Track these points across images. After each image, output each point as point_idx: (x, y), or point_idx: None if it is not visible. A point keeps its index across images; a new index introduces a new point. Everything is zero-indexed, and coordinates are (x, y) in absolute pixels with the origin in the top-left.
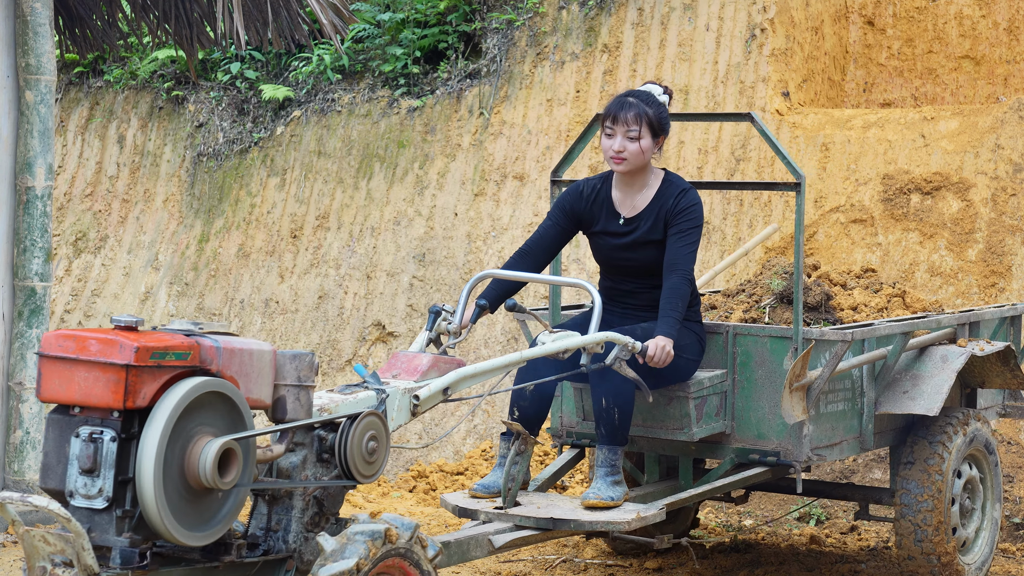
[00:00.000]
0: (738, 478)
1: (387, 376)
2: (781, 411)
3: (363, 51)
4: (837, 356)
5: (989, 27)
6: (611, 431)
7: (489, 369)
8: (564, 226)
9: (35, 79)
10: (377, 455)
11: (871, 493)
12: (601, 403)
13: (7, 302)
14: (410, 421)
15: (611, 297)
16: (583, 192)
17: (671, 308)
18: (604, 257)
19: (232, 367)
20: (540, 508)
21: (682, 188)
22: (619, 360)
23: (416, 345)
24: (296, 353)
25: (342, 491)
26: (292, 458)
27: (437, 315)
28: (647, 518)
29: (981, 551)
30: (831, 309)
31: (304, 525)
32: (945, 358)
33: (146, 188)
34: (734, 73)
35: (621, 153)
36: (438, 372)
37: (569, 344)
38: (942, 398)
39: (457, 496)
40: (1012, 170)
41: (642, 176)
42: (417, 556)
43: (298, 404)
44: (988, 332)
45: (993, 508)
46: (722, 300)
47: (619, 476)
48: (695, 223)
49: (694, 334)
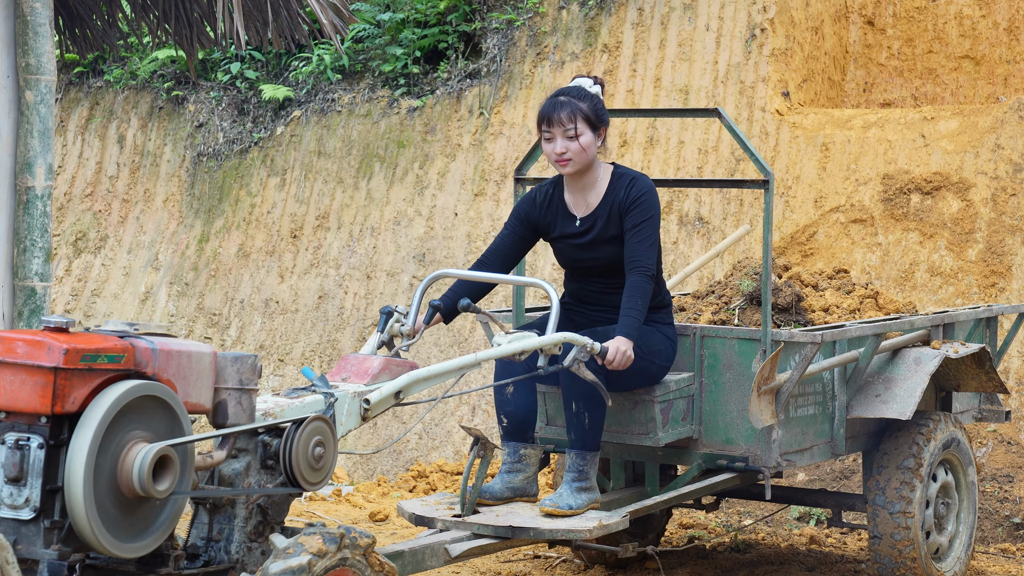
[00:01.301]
0: (705, 484)
1: (336, 379)
2: (749, 415)
3: (363, 51)
4: (807, 358)
5: (989, 27)
6: (581, 436)
7: (443, 372)
8: (522, 235)
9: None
10: (324, 461)
11: (844, 499)
12: (571, 407)
13: (7, 302)
14: (360, 426)
15: (580, 299)
16: (536, 199)
17: (631, 307)
18: (566, 260)
19: (169, 370)
20: (499, 516)
21: (632, 177)
22: (577, 362)
23: (368, 347)
24: (238, 355)
25: (287, 499)
26: (235, 465)
27: (389, 316)
28: (609, 526)
29: (956, 558)
30: (802, 310)
31: (247, 535)
32: (918, 360)
33: (146, 188)
34: (734, 73)
35: (564, 155)
36: (390, 375)
37: (525, 346)
38: (915, 401)
39: (414, 503)
40: (1012, 170)
41: (591, 173)
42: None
43: (240, 408)
44: (963, 334)
45: (968, 514)
46: (691, 302)
47: (587, 483)
48: (648, 212)
49: (666, 338)
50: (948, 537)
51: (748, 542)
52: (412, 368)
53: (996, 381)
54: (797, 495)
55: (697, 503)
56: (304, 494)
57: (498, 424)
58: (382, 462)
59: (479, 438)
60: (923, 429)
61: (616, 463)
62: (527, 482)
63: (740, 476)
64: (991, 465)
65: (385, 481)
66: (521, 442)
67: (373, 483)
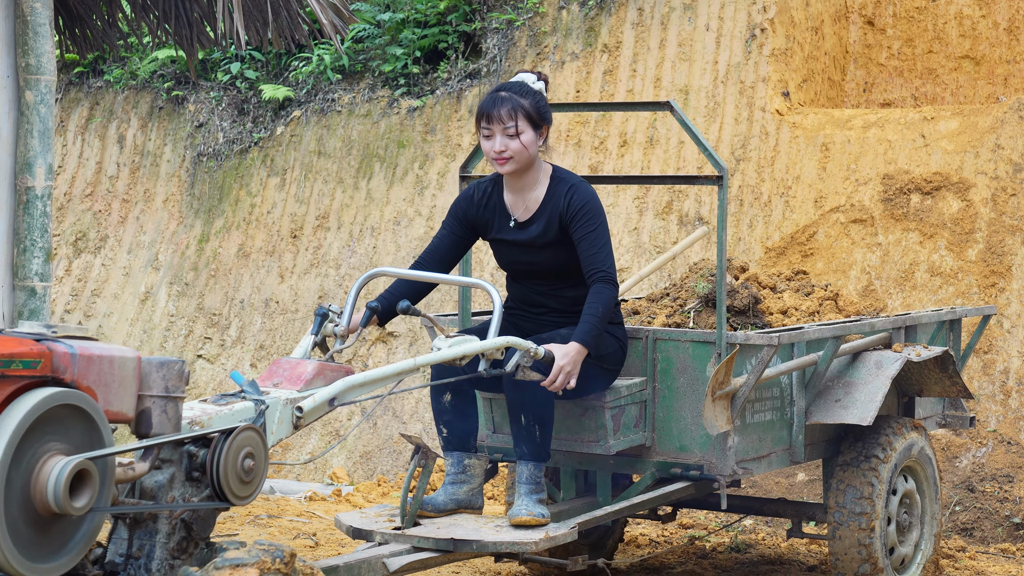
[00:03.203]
0: (658, 494)
1: (267, 385)
2: (703, 421)
3: (363, 51)
4: (763, 362)
5: (989, 27)
6: (533, 448)
7: (380, 377)
8: (460, 234)
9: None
10: (254, 474)
11: (804, 509)
12: (520, 420)
13: (7, 302)
14: (292, 434)
15: (524, 303)
16: (474, 197)
17: (592, 315)
18: (506, 263)
19: (90, 376)
20: (440, 529)
21: (571, 184)
22: (521, 367)
23: (299, 350)
24: (163, 360)
25: (213, 514)
26: (158, 477)
27: (324, 317)
28: (556, 538)
29: (919, 564)
30: (759, 313)
31: (170, 551)
32: (879, 364)
33: (146, 188)
34: (734, 73)
35: (503, 153)
36: (324, 380)
37: (467, 350)
38: (876, 406)
39: (353, 515)
40: (1012, 170)
41: (531, 174)
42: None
43: (165, 417)
44: (926, 337)
45: (932, 521)
46: (646, 305)
47: (543, 494)
48: (596, 220)
49: (616, 340)
50: (912, 545)
51: (748, 542)
52: (347, 373)
53: (960, 386)
54: (756, 505)
55: (653, 513)
56: (234, 507)
57: (438, 435)
58: (382, 462)
59: (420, 447)
60: (884, 435)
61: (567, 472)
62: (472, 494)
63: (695, 485)
64: (991, 465)
65: (385, 481)
66: (464, 452)
67: (373, 483)
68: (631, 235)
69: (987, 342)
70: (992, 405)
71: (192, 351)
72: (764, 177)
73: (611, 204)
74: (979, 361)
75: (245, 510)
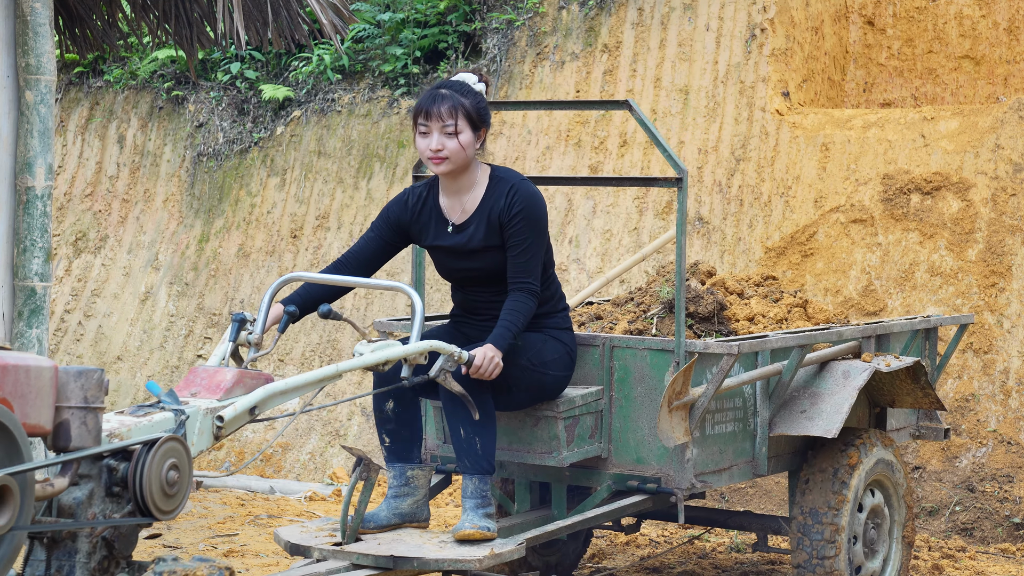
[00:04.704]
0: (613, 508)
1: (185, 394)
2: (659, 433)
3: (363, 51)
4: (723, 371)
5: (989, 27)
6: (475, 461)
7: (302, 384)
8: (388, 239)
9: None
10: (179, 486)
11: (769, 522)
12: (460, 432)
13: (7, 302)
14: (213, 445)
15: (467, 310)
16: (408, 201)
17: (510, 320)
18: (444, 270)
19: (5, 387)
20: (381, 545)
21: (512, 184)
22: (444, 372)
23: (215, 358)
24: (82, 369)
25: (135, 530)
26: (76, 493)
27: (241, 323)
28: (502, 555)
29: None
30: (725, 320)
31: (90, 571)
32: (847, 374)
33: (146, 188)
34: (734, 73)
35: (439, 152)
36: (244, 389)
37: (388, 355)
38: (842, 418)
39: (292, 530)
40: (1012, 170)
41: (467, 176)
42: None
43: (84, 429)
44: (898, 346)
45: (900, 533)
46: (609, 310)
47: (491, 508)
48: (535, 226)
49: (562, 345)
50: (881, 560)
51: (748, 542)
52: (268, 381)
53: (932, 397)
54: (719, 517)
55: (616, 524)
56: (155, 522)
57: (380, 444)
58: (382, 461)
59: (361, 458)
60: (851, 448)
61: (521, 484)
62: (416, 507)
63: (653, 498)
64: (991, 465)
65: (385, 481)
66: (407, 463)
67: None
68: (631, 235)
69: (987, 342)
70: (992, 405)
71: (192, 351)
72: (764, 177)
73: (611, 204)
74: (979, 361)
75: (246, 510)
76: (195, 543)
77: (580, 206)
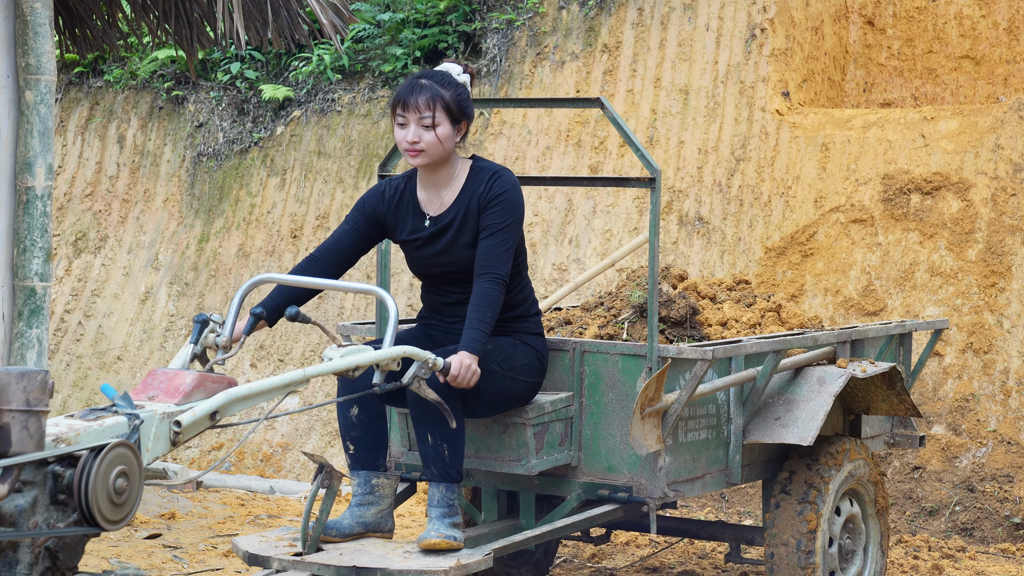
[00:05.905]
0: (583, 517)
1: (142, 398)
2: (631, 440)
3: (363, 51)
4: (696, 377)
5: (989, 27)
6: (443, 468)
7: (265, 390)
8: (363, 231)
9: (35, 79)
10: (128, 495)
11: (742, 532)
12: (427, 439)
13: (7, 302)
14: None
15: (437, 310)
16: (384, 193)
17: (478, 319)
18: (418, 266)
19: None
20: (343, 555)
21: (493, 171)
22: (418, 379)
23: (178, 361)
24: (24, 371)
25: (81, 540)
26: (18, 500)
27: (204, 325)
28: (468, 566)
29: None
30: (697, 324)
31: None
32: (822, 380)
33: (146, 188)
34: (734, 73)
35: (416, 144)
36: (204, 393)
37: (359, 360)
38: (817, 425)
39: (251, 540)
40: (1012, 170)
41: (447, 169)
42: None
43: (26, 434)
44: (874, 352)
45: (877, 549)
46: (579, 314)
47: (457, 517)
48: (509, 215)
49: (533, 350)
50: (856, 572)
51: None
52: (230, 385)
53: (908, 404)
54: (691, 527)
55: (585, 535)
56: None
57: (344, 451)
58: None
59: (323, 466)
60: (827, 456)
61: (488, 493)
62: (380, 516)
63: (624, 508)
64: (991, 465)
65: None
66: (372, 471)
67: None
68: (631, 235)
69: (987, 342)
70: (992, 405)
71: None
72: (764, 177)
73: (611, 204)
74: (979, 361)
75: (246, 510)
76: (195, 543)
77: (580, 206)
